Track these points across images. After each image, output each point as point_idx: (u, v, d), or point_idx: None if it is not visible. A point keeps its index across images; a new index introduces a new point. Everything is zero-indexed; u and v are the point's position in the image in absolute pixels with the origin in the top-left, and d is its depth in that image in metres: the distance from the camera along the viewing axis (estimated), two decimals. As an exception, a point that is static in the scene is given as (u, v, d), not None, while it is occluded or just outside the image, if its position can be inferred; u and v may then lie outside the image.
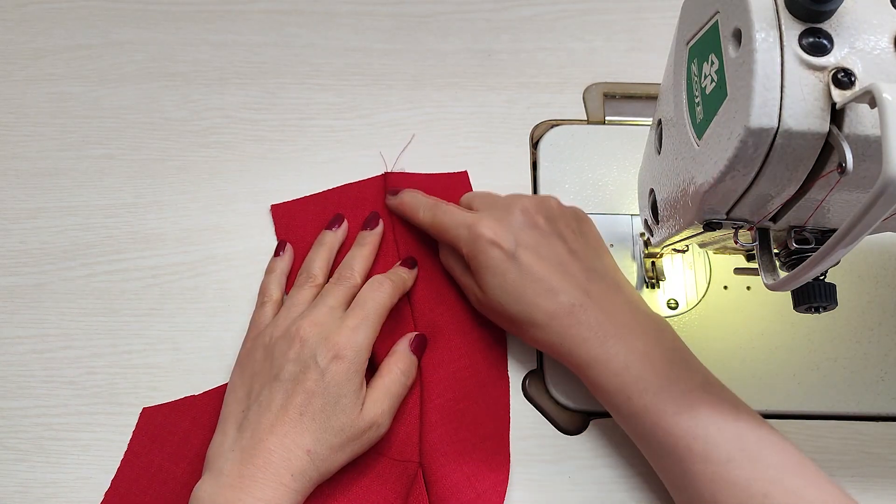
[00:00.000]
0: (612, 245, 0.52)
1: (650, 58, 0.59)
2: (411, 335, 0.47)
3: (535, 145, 0.56)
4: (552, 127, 0.56)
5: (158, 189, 0.54)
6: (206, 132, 0.56)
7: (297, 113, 0.57)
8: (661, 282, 0.51)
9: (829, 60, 0.29)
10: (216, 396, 0.47)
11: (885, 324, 0.50)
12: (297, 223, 0.52)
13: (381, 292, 0.45)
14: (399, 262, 0.49)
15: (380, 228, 0.51)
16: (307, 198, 0.53)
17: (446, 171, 0.54)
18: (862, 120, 0.29)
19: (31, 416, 0.48)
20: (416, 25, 0.60)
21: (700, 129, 0.34)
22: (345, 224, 0.51)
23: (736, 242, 0.37)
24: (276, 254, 0.51)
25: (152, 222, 0.53)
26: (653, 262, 0.51)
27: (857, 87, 0.29)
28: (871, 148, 0.29)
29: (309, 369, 0.42)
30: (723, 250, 0.45)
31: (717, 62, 0.32)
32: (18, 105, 0.57)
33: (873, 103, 0.27)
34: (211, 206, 0.54)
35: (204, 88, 0.57)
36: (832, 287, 0.37)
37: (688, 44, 0.36)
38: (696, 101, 0.35)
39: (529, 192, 0.54)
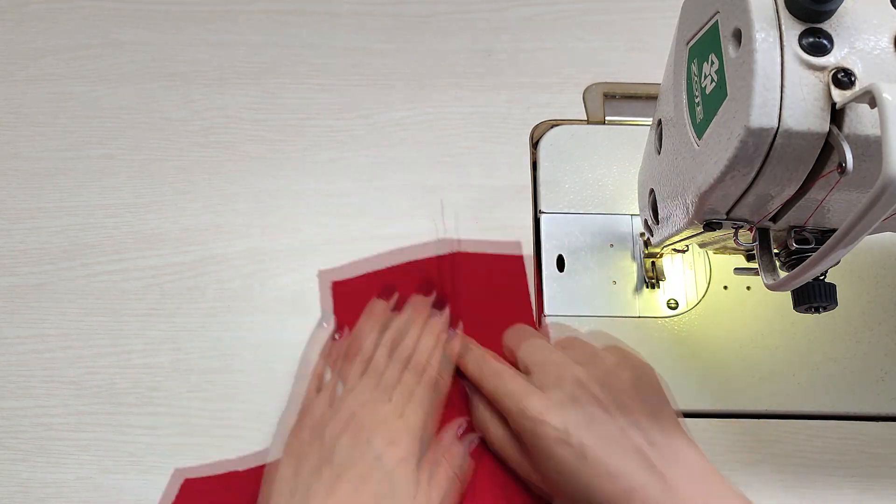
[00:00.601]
0: (612, 245, 0.52)
1: (650, 58, 0.59)
2: (459, 422, 0.46)
3: (535, 145, 0.56)
4: (552, 127, 0.56)
5: (158, 189, 0.54)
6: (206, 132, 0.56)
7: (297, 113, 0.57)
8: (661, 282, 0.51)
9: (829, 60, 0.29)
10: (259, 472, 0.46)
11: (885, 324, 0.50)
12: (357, 302, 0.50)
13: (428, 383, 0.45)
14: (442, 325, 0.48)
15: (446, 311, 0.49)
16: (368, 275, 0.51)
17: (499, 240, 0.52)
18: (862, 120, 0.29)
19: (31, 416, 0.48)
20: (417, 25, 0.60)
21: (700, 129, 0.34)
22: (396, 295, 0.50)
23: (736, 242, 0.37)
24: (333, 335, 0.49)
25: (152, 222, 0.53)
26: (653, 262, 0.51)
27: (857, 87, 0.29)
28: (871, 148, 0.29)
29: (363, 455, 0.41)
30: (723, 250, 0.45)
31: (717, 62, 0.32)
32: (18, 105, 0.57)
33: (873, 103, 0.27)
34: (211, 206, 0.54)
35: (204, 88, 0.57)
36: (832, 287, 0.37)
37: (688, 44, 0.36)
38: (696, 101, 0.35)
39: (529, 191, 0.54)
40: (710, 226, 0.36)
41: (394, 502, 0.40)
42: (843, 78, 0.29)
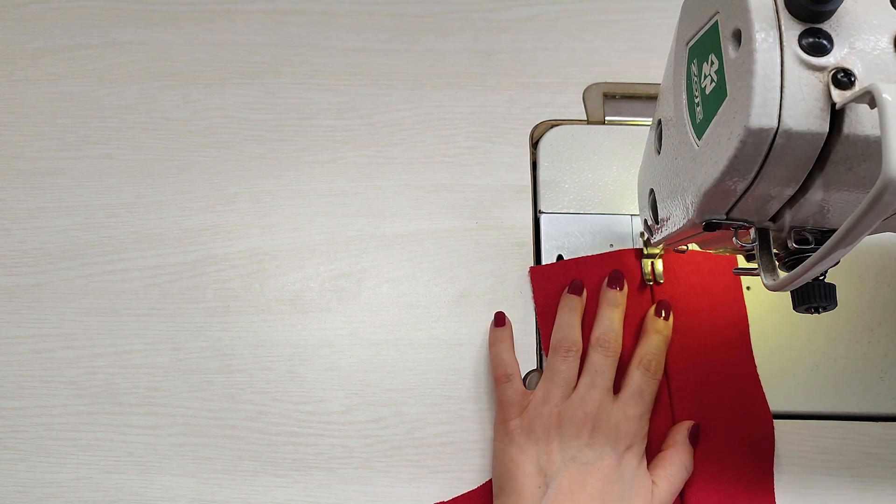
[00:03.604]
0: (612, 245, 0.52)
1: (650, 58, 0.59)
2: (689, 424, 0.47)
3: (535, 145, 0.56)
4: (552, 127, 0.56)
5: (158, 189, 0.54)
6: (206, 132, 0.56)
7: (297, 113, 0.57)
8: (660, 282, 0.51)
9: (829, 61, 0.29)
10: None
11: (885, 324, 0.50)
12: (556, 290, 0.50)
13: (655, 379, 0.46)
14: (652, 311, 0.49)
15: (626, 289, 0.49)
16: (566, 262, 0.51)
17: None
18: (862, 120, 0.29)
19: (31, 416, 0.48)
20: (416, 25, 0.60)
21: (700, 129, 0.34)
22: (584, 291, 0.49)
23: (736, 243, 0.37)
24: (498, 324, 0.50)
25: (152, 222, 0.53)
26: (652, 263, 0.51)
27: (857, 88, 0.29)
28: (871, 148, 0.29)
29: (604, 457, 0.43)
30: (723, 250, 0.45)
31: (716, 62, 0.32)
32: (18, 105, 0.57)
33: (873, 103, 0.27)
34: (211, 206, 0.54)
35: (204, 88, 0.57)
36: (832, 287, 0.37)
37: (688, 44, 0.36)
38: (696, 101, 0.35)
39: (529, 191, 0.54)
40: (709, 226, 0.36)
41: (637, 502, 0.43)
42: (842, 78, 0.29)
